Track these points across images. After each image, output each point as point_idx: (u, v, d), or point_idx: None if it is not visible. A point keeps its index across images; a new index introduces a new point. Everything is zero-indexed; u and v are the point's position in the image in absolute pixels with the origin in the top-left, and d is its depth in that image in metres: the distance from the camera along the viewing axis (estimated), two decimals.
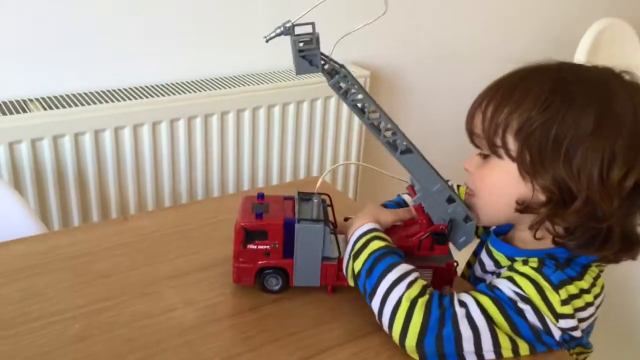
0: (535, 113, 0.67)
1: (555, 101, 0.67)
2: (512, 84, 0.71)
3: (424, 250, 0.76)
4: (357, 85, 0.70)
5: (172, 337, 0.69)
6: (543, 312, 0.66)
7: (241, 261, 0.76)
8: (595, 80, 0.70)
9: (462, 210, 0.74)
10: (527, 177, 0.69)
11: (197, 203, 1.34)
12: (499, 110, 0.70)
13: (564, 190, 0.67)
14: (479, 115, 0.73)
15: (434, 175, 0.73)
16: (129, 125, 1.33)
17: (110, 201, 1.38)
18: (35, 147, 1.26)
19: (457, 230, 0.76)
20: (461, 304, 0.67)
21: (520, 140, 0.68)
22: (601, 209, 0.66)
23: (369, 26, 0.68)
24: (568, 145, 0.66)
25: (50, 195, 1.30)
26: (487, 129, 0.71)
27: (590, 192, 0.66)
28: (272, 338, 0.70)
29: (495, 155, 0.72)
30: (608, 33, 1.88)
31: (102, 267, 0.82)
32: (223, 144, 1.47)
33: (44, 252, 0.84)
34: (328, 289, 0.77)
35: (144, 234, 0.90)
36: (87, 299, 0.75)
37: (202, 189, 1.48)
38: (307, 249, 0.74)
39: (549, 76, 0.70)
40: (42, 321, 0.71)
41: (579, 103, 0.67)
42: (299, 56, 0.67)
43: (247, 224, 0.75)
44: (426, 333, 0.65)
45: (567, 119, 0.66)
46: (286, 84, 1.50)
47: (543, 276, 0.67)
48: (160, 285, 0.78)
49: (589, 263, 0.71)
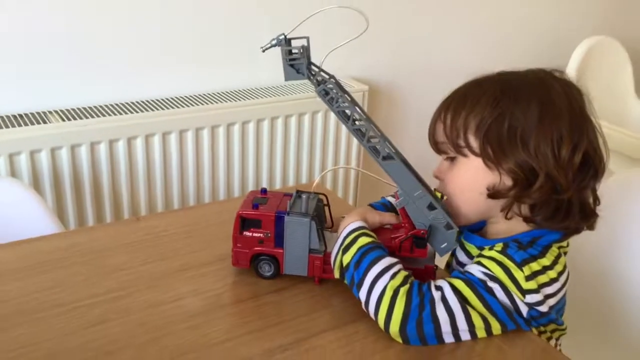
0: (489, 111, 0.77)
1: (503, 99, 0.78)
2: (463, 93, 0.81)
3: (404, 251, 0.80)
4: (343, 94, 0.76)
5: (181, 322, 0.76)
6: (510, 289, 0.74)
7: (238, 246, 0.84)
8: (533, 79, 0.81)
9: (442, 218, 0.78)
10: (492, 167, 0.78)
11: (203, 206, 1.41)
12: (457, 116, 0.79)
13: (526, 170, 0.76)
14: (439, 125, 0.82)
15: (415, 182, 0.77)
16: (141, 135, 1.42)
17: (122, 204, 1.46)
18: (54, 155, 1.34)
19: (438, 236, 0.79)
20: (437, 288, 0.74)
21: (480, 137, 0.78)
22: (559, 183, 0.75)
23: (367, 42, 0.76)
24: (521, 133, 0.76)
25: (68, 198, 1.39)
26: (449, 134, 0.80)
27: (548, 168, 0.75)
28: (269, 323, 0.76)
29: (460, 155, 0.80)
30: (598, 50, 1.95)
31: (117, 261, 0.88)
32: (229, 152, 1.55)
33: (65, 248, 0.92)
34: (315, 279, 0.84)
35: (155, 233, 0.97)
36: (103, 289, 0.82)
37: (209, 193, 1.56)
38: (295, 240, 0.82)
39: (494, 80, 0.81)
40: (64, 307, 0.78)
41: (523, 98, 0.77)
42: (287, 64, 0.75)
43: (244, 212, 0.83)
44: (408, 318, 0.72)
45: (516, 112, 0.77)
46: (288, 98, 1.58)
47: (507, 256, 0.75)
48: (170, 278, 0.85)
49: (550, 244, 0.79)
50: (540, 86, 0.79)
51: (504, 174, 0.78)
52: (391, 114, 1.89)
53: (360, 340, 0.74)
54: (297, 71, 0.76)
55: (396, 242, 0.80)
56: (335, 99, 0.76)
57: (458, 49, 1.94)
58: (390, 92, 1.86)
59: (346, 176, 1.78)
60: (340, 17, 0.75)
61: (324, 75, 0.77)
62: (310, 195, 0.85)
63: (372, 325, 0.75)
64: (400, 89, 1.86)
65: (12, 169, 1.30)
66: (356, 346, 0.73)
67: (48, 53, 1.38)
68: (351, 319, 0.77)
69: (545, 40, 2.11)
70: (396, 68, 1.85)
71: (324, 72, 0.77)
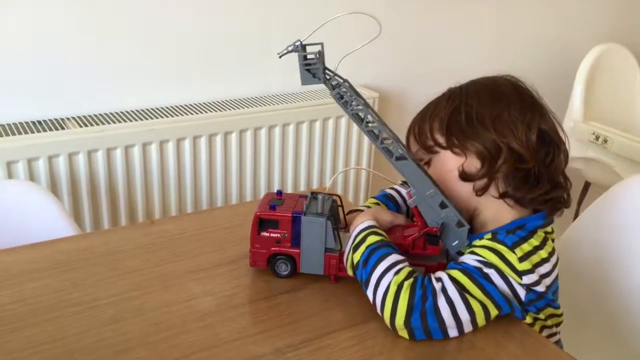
0: (446, 108, 0.87)
1: (456, 95, 0.88)
2: (425, 106, 0.92)
3: (418, 249, 0.83)
4: (357, 97, 0.79)
5: (194, 321, 0.78)
6: (506, 272, 0.77)
7: (256, 247, 0.87)
8: (482, 78, 0.91)
9: (454, 216, 0.81)
10: (460, 153, 0.85)
11: (216, 209, 1.43)
12: (422, 123, 0.89)
13: (490, 148, 0.82)
14: (411, 138, 0.91)
15: (427, 181, 0.80)
16: (156, 142, 1.44)
17: (137, 208, 1.48)
18: (72, 160, 1.37)
19: (450, 234, 0.82)
20: (437, 279, 0.77)
21: (443, 131, 0.86)
22: (521, 154, 0.81)
23: (377, 50, 0.79)
24: (477, 116, 0.84)
25: (84, 202, 1.41)
26: (419, 139, 0.89)
27: (509, 141, 0.82)
28: (281, 323, 0.78)
29: (432, 154, 0.87)
30: (607, 57, 1.95)
31: (132, 263, 0.90)
32: (241, 158, 1.58)
33: (82, 249, 0.94)
34: (331, 278, 0.86)
35: (169, 235, 0.99)
36: (119, 289, 0.84)
37: (222, 198, 1.58)
38: (312, 239, 0.84)
39: (450, 88, 0.91)
40: (81, 306, 0.80)
41: (474, 90, 0.88)
42: (304, 69, 0.78)
43: (262, 213, 0.85)
44: (412, 311, 0.74)
45: (469, 101, 0.85)
46: (299, 105, 1.61)
47: (498, 241, 0.79)
48: (183, 279, 0.87)
49: (535, 229, 0.82)
50: (488, 80, 0.89)
51: (471, 157, 0.84)
52: (401, 121, 1.86)
53: (370, 340, 0.76)
54: (314, 76, 0.78)
55: (409, 240, 0.82)
56: (349, 102, 0.79)
57: (467, 56, 1.95)
58: (400, 99, 1.87)
59: (357, 180, 1.80)
60: (351, 24, 0.78)
61: (339, 79, 0.79)
62: (325, 197, 0.88)
63: (383, 325, 0.77)
64: (410, 96, 1.88)
65: (30, 174, 1.33)
66: (366, 345, 0.75)
67: (65, 61, 1.41)
68: (363, 319, 0.79)
69: (555, 48, 2.12)
70: (406, 76, 1.86)
71: (339, 76, 0.79)
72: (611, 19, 2.22)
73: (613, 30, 2.19)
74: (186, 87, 1.57)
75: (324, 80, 0.78)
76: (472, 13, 1.93)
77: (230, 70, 1.61)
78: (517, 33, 2.05)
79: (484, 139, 0.83)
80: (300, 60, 0.77)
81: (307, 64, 0.77)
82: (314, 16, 0.72)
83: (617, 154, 1.72)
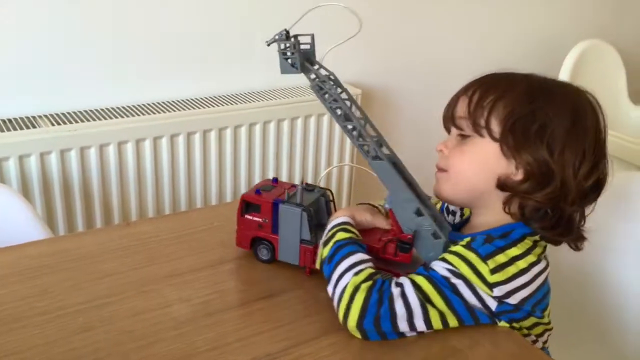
0: (522, 104, 0.77)
1: (539, 96, 0.77)
2: (496, 79, 0.81)
3: (388, 254, 0.79)
4: (337, 91, 0.76)
5: (168, 329, 0.75)
6: (475, 284, 0.73)
7: (241, 228, 0.88)
8: (567, 85, 0.81)
9: (429, 226, 0.77)
10: (509, 155, 0.77)
11: (194, 211, 1.41)
12: (485, 95, 0.78)
13: (543, 169, 0.76)
14: (463, 100, 0.81)
15: (402, 184, 0.76)
16: (132, 140, 1.41)
17: (113, 210, 1.45)
18: (44, 160, 1.33)
19: (424, 244, 0.78)
20: (397, 284, 0.74)
21: (506, 124, 0.77)
22: (570, 195, 0.75)
23: (360, 46, 0.75)
24: (550, 135, 0.76)
25: (57, 204, 1.38)
26: (472, 110, 0.79)
27: (566, 176, 0.75)
28: (259, 330, 0.75)
29: (477, 134, 0.79)
30: (591, 53, 1.96)
31: (105, 267, 0.87)
32: (221, 157, 1.55)
33: (53, 254, 0.90)
34: (306, 270, 0.85)
35: (145, 238, 0.96)
36: (90, 296, 0.80)
37: (201, 198, 1.55)
38: (288, 228, 0.84)
39: (529, 77, 0.81)
40: (49, 314, 0.76)
41: (558, 104, 0.77)
42: (282, 58, 0.76)
43: (247, 196, 0.87)
44: (365, 314, 0.72)
45: (549, 113, 0.76)
46: (281, 102, 1.58)
47: (471, 250, 0.74)
48: (159, 284, 0.84)
49: (522, 236, 0.77)
50: (574, 95, 0.80)
51: (519, 166, 0.77)
52: (385, 117, 1.89)
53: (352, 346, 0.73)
54: (292, 65, 0.76)
55: (380, 244, 0.80)
56: (330, 95, 0.76)
57: (451, 53, 1.95)
58: (383, 95, 1.86)
59: (340, 177, 1.78)
60: (337, 20, 0.76)
61: (322, 72, 0.77)
62: (315, 189, 0.87)
63: None
64: (394, 92, 1.87)
65: (0, 175, 1.29)
66: (348, 352, 0.72)
67: (37, 57, 1.38)
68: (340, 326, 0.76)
69: (539, 43, 2.12)
70: (390, 72, 1.86)
71: (325, 68, 0.77)
72: (595, 15, 2.22)
73: (597, 26, 2.20)
74: (163, 84, 1.54)
75: (301, 70, 0.76)
76: (456, 9, 1.92)
77: (210, 66, 1.58)
78: (501, 29, 2.04)
79: (543, 159, 0.75)
80: (279, 49, 0.76)
81: (285, 53, 0.76)
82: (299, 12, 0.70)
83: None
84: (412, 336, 0.74)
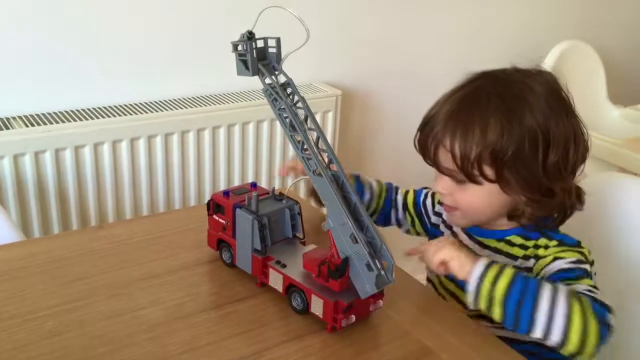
0: (502, 142, 0.78)
1: (513, 125, 0.78)
2: (465, 114, 0.80)
3: (321, 278, 0.73)
4: (286, 98, 0.72)
5: (139, 333, 0.74)
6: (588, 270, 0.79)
7: (210, 228, 0.88)
8: (531, 85, 0.81)
9: (363, 256, 0.69)
10: (510, 192, 0.81)
11: (171, 212, 1.39)
12: (467, 147, 0.78)
13: (544, 191, 0.80)
14: (445, 153, 0.81)
15: (339, 206, 0.70)
16: (108, 141, 1.39)
17: (89, 212, 1.43)
18: (17, 162, 1.31)
19: (359, 274, 0.70)
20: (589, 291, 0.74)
21: (497, 166, 0.79)
22: (569, 188, 0.82)
23: (341, 47, 0.73)
24: (542, 158, 0.79)
25: (32, 207, 1.35)
26: (461, 165, 0.79)
27: (563, 183, 0.81)
28: (232, 333, 0.74)
29: (474, 183, 0.81)
30: (570, 54, 1.97)
31: (77, 271, 0.86)
32: (199, 158, 1.53)
33: (23, 257, 0.89)
34: (257, 281, 0.82)
35: (118, 241, 0.94)
36: (60, 300, 0.79)
37: (179, 199, 1.53)
38: (243, 235, 0.82)
39: (490, 94, 0.80)
40: (17, 319, 0.75)
41: (535, 108, 0.79)
42: (238, 59, 0.75)
43: (215, 197, 0.86)
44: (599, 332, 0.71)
45: (532, 124, 0.78)
46: (260, 102, 1.56)
47: (565, 244, 0.82)
48: (131, 287, 0.83)
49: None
50: (543, 86, 0.82)
51: (521, 196, 0.81)
52: (365, 118, 1.88)
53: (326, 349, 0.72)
54: (246, 67, 0.75)
55: (315, 264, 0.73)
56: (279, 102, 0.73)
57: (432, 53, 1.95)
58: (364, 96, 1.85)
59: None
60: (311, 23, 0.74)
61: (276, 78, 0.74)
62: (284, 200, 0.85)
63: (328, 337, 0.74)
64: (374, 93, 1.86)
65: None
66: (322, 355, 0.71)
67: (10, 57, 1.35)
68: (318, 327, 0.75)
69: (518, 44, 2.12)
70: (370, 73, 1.85)
71: (284, 74, 0.75)
72: (574, 16, 2.23)
73: (576, 27, 2.21)
74: (140, 84, 1.51)
75: (253, 73, 0.74)
76: (437, 10, 1.92)
77: (188, 67, 1.56)
78: (481, 30, 2.05)
79: (544, 187, 0.80)
80: (233, 49, 0.75)
81: (240, 54, 0.74)
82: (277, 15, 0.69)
83: None
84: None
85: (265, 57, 0.75)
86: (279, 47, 0.75)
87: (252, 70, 0.74)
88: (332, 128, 1.68)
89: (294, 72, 0.77)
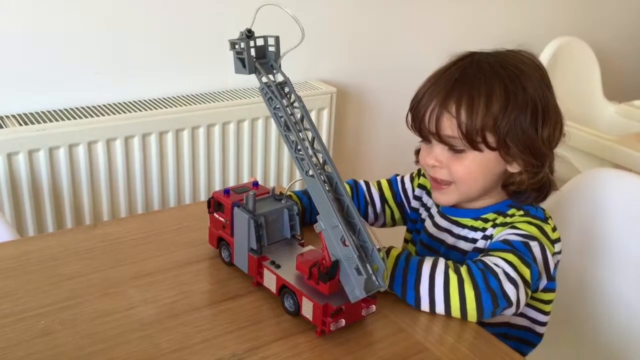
0: (506, 110, 0.81)
1: (516, 95, 0.81)
2: (471, 84, 0.83)
3: (312, 280, 0.73)
4: (282, 98, 0.72)
5: (132, 331, 0.74)
6: (544, 243, 0.80)
7: (211, 225, 0.88)
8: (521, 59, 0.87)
9: (352, 259, 0.68)
10: (509, 159, 0.83)
11: (165, 211, 1.38)
12: (473, 115, 0.81)
13: (537, 157, 0.83)
14: (449, 119, 0.82)
15: (330, 208, 0.69)
16: (102, 140, 1.39)
17: (83, 211, 1.42)
18: (11, 160, 1.31)
19: (347, 277, 0.70)
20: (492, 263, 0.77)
21: (499, 134, 0.81)
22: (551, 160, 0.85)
23: (336, 45, 0.73)
24: (541, 115, 0.82)
25: (26, 206, 1.35)
26: (466, 131, 0.81)
27: (551, 155, 0.84)
28: (224, 331, 0.74)
29: (476, 150, 0.82)
30: (566, 51, 1.97)
31: (70, 269, 0.86)
32: (194, 155, 1.53)
33: (17, 256, 0.89)
34: (253, 281, 0.82)
35: (111, 239, 0.94)
36: (53, 299, 0.79)
37: (174, 197, 1.53)
38: (240, 234, 0.82)
39: (497, 71, 0.84)
40: (10, 318, 0.75)
41: (532, 79, 0.83)
42: (235, 57, 0.75)
43: (216, 194, 0.86)
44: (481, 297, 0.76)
45: (531, 92, 0.82)
46: (255, 100, 1.56)
47: (530, 215, 0.84)
48: (124, 286, 0.82)
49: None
50: (531, 61, 0.87)
51: (518, 162, 0.83)
52: (360, 116, 1.88)
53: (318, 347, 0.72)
54: (243, 65, 0.75)
55: (306, 266, 0.73)
56: (275, 102, 0.73)
57: (426, 50, 1.95)
58: (359, 94, 1.85)
59: None
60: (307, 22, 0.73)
61: (273, 77, 0.74)
62: (283, 200, 0.84)
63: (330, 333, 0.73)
64: (369, 90, 1.86)
65: None
66: (314, 353, 0.71)
67: (4, 56, 1.34)
68: (306, 328, 0.75)
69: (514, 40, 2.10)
70: (365, 70, 1.85)
71: (282, 74, 0.75)
72: (569, 12, 2.23)
73: (571, 23, 2.21)
74: (134, 83, 1.51)
75: (250, 72, 0.74)
76: (431, 7, 1.92)
77: (182, 65, 1.56)
78: (476, 27, 2.05)
79: (541, 153, 0.83)
80: (230, 47, 0.75)
81: (238, 53, 0.74)
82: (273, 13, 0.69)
83: (574, 147, 1.73)
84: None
85: (265, 55, 0.75)
86: (278, 45, 0.75)
87: (249, 69, 0.74)
88: (327, 125, 1.68)
89: (289, 69, 0.77)
